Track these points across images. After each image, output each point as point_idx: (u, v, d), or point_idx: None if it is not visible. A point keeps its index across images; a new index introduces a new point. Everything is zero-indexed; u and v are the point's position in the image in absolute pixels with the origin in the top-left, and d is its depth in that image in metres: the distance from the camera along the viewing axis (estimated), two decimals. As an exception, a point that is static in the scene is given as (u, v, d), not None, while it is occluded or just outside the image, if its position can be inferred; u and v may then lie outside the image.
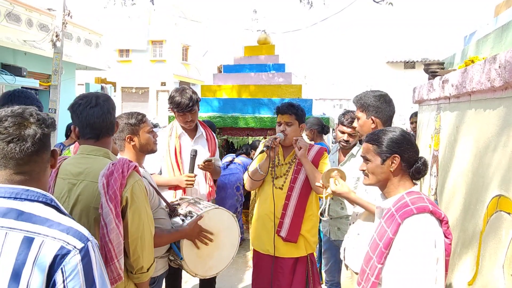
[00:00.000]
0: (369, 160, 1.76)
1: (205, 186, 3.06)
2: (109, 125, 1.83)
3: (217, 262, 2.36)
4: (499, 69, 1.74)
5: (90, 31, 15.11)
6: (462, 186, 2.30)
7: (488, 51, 2.58)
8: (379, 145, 1.72)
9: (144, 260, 1.77)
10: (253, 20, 11.09)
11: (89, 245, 1.11)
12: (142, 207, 1.77)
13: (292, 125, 2.70)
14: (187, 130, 3.02)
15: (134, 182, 1.76)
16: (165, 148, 2.94)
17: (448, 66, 3.61)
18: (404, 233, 1.53)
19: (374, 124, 2.27)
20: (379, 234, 1.64)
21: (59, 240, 1.06)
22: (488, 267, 1.76)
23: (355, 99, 2.41)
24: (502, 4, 3.01)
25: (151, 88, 25.36)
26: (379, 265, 1.59)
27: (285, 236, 2.64)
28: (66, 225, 1.11)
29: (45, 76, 12.15)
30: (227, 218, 2.42)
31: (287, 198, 2.67)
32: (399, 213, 1.57)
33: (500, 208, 1.71)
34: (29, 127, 1.13)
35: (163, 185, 2.88)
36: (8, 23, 10.85)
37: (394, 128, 1.79)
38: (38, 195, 1.14)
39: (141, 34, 24.77)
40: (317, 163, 2.71)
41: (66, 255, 1.05)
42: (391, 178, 1.72)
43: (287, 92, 5.72)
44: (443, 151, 2.79)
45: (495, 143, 1.86)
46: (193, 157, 2.79)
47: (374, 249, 1.64)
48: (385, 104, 2.30)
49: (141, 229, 1.75)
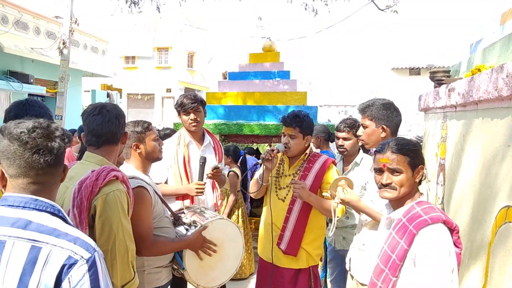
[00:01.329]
0: (399, 172, 1.65)
1: (212, 195, 3.04)
2: (110, 134, 1.82)
3: (220, 274, 2.33)
4: (506, 78, 1.72)
5: (96, 38, 15.26)
6: (470, 195, 2.27)
7: (495, 59, 2.56)
8: (413, 156, 1.66)
9: (114, 275, 1.61)
10: (258, 27, 11.13)
11: (96, 256, 1.11)
12: (115, 219, 1.63)
13: (295, 138, 2.61)
14: (195, 138, 3.02)
15: (111, 191, 1.65)
16: (173, 157, 2.92)
17: (454, 74, 3.59)
18: (420, 244, 1.49)
19: (385, 133, 2.23)
20: (391, 246, 1.59)
21: (66, 250, 1.07)
22: (497, 279, 1.73)
23: (361, 107, 2.35)
24: (508, 12, 3.00)
25: (157, 95, 25.48)
26: (393, 278, 1.54)
27: (284, 249, 2.59)
28: (73, 235, 1.12)
29: (52, 83, 12.26)
30: (231, 229, 2.39)
31: (288, 211, 2.61)
32: (412, 223, 1.52)
33: (509, 220, 1.69)
34: (55, 140, 1.17)
35: (171, 195, 2.86)
36: (16, 31, 10.98)
37: (410, 139, 1.76)
38: (46, 205, 1.16)
39: (147, 41, 24.96)
40: (322, 176, 2.61)
41: (73, 264, 1.06)
42: (415, 190, 1.69)
43: (292, 99, 5.71)
44: (450, 160, 2.76)
45: (503, 153, 1.84)
46: (202, 164, 2.77)
47: (385, 261, 1.60)
48: (394, 112, 2.26)
49: (112, 241, 1.61)
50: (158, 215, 2.14)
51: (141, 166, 2.21)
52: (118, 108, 1.91)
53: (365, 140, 2.33)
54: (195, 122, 2.92)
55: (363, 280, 2.28)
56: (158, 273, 2.15)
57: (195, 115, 2.91)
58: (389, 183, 1.66)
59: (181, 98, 2.93)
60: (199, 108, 2.93)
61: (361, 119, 2.39)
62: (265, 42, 6.91)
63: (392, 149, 1.67)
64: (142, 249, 1.99)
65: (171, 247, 2.12)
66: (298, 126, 2.61)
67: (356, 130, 3.17)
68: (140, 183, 2.05)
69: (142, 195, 2.02)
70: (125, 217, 1.69)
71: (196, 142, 3.02)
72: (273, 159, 2.61)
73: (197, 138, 3.04)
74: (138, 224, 1.97)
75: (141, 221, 1.98)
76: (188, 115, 2.91)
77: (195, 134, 3.01)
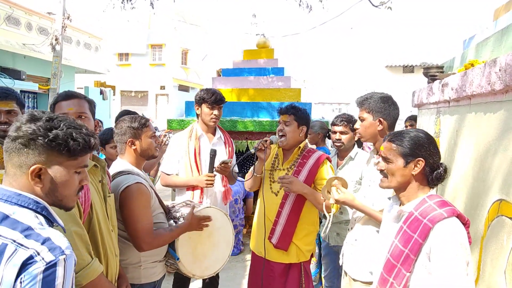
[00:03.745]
0: (389, 161, 1.64)
1: (221, 188, 3.09)
2: None
3: (213, 262, 2.36)
4: (499, 72, 1.73)
5: (89, 34, 15.13)
6: (463, 190, 2.28)
7: (488, 54, 2.57)
8: (403, 146, 1.62)
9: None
10: (252, 24, 11.09)
11: (60, 259, 1.05)
12: None
13: (290, 124, 2.63)
14: (207, 132, 3.11)
15: None
16: (184, 149, 3.01)
17: (448, 70, 3.60)
18: (437, 238, 1.46)
19: (381, 126, 2.20)
20: (403, 240, 1.55)
21: (30, 250, 1.03)
22: (490, 272, 1.74)
23: (359, 99, 2.32)
24: (501, 8, 3.01)
25: (150, 92, 25.34)
26: (407, 273, 1.51)
27: (275, 243, 2.60)
28: (44, 236, 1.07)
29: (44, 79, 12.14)
30: (221, 216, 2.41)
31: (281, 206, 2.61)
32: (427, 217, 1.49)
33: (501, 213, 1.69)
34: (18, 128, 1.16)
35: (182, 186, 2.99)
36: (7, 27, 10.85)
37: (419, 130, 1.70)
38: (29, 202, 1.13)
39: (140, 38, 24.79)
40: (315, 171, 2.61)
41: (30, 264, 1.01)
42: (412, 182, 1.62)
43: (286, 96, 5.71)
44: (443, 155, 2.77)
45: (495, 147, 1.84)
46: (212, 156, 2.85)
47: (397, 256, 1.55)
48: (392, 106, 2.24)
49: None
50: (154, 210, 2.15)
51: (135, 162, 2.19)
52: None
53: (362, 133, 2.29)
54: (216, 118, 3.04)
55: (355, 276, 2.28)
56: (154, 268, 2.17)
57: (218, 111, 3.05)
58: (382, 169, 1.68)
59: (210, 92, 3.01)
60: (222, 106, 3.08)
61: (359, 112, 2.36)
62: (259, 38, 6.90)
63: (389, 138, 1.68)
64: (143, 244, 1.99)
65: (170, 236, 2.13)
66: (292, 114, 2.64)
67: (353, 125, 3.17)
68: (137, 179, 2.04)
69: (141, 191, 2.02)
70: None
71: (207, 136, 3.11)
72: (266, 149, 2.61)
73: (210, 132, 3.13)
74: (138, 221, 1.98)
75: (141, 217, 1.99)
76: (212, 110, 3.01)
77: (208, 128, 3.11)
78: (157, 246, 2.09)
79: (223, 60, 21.06)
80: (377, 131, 2.22)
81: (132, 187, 2.00)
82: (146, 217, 2.02)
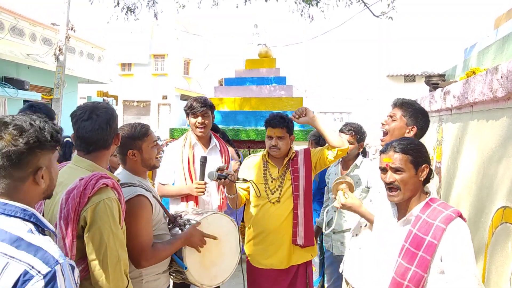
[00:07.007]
0: (402, 171, 1.66)
1: (217, 197, 3.04)
2: (101, 141, 1.73)
3: (221, 270, 2.28)
4: (501, 79, 1.73)
5: (92, 45, 15.27)
6: (466, 198, 2.27)
7: (489, 62, 2.58)
8: (415, 155, 1.66)
9: (105, 285, 1.55)
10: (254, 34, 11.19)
11: (57, 269, 1.04)
12: (106, 228, 1.57)
13: (284, 139, 2.67)
14: (201, 141, 3.05)
15: (100, 200, 1.58)
16: (178, 158, 2.96)
17: (449, 78, 3.61)
18: (452, 238, 1.51)
19: (411, 134, 2.14)
20: (414, 243, 1.58)
21: (23, 264, 1.01)
22: (495, 280, 1.73)
23: (400, 100, 2.25)
24: (502, 17, 3.03)
25: (153, 102, 25.44)
26: (425, 274, 1.54)
27: (302, 243, 2.63)
28: (35, 245, 1.05)
29: (47, 89, 12.23)
30: (227, 223, 2.34)
31: (295, 208, 2.64)
32: (437, 219, 1.54)
33: (506, 220, 1.69)
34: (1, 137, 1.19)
35: (176, 195, 2.92)
36: (12, 37, 10.97)
37: (409, 138, 1.79)
38: (16, 210, 1.11)
39: (143, 48, 24.98)
40: (309, 158, 2.72)
41: (28, 280, 0.99)
42: (420, 187, 1.68)
43: (288, 105, 5.72)
44: (446, 163, 2.77)
45: (499, 154, 1.84)
46: (202, 163, 2.77)
47: (410, 259, 1.57)
48: (428, 123, 2.19)
49: (103, 251, 1.56)
50: (157, 222, 2.07)
51: (137, 172, 2.11)
52: (110, 110, 1.79)
53: (390, 130, 2.20)
54: (202, 125, 2.96)
55: (356, 285, 2.26)
56: (157, 280, 2.08)
57: (203, 118, 2.96)
58: (392, 181, 1.67)
59: (191, 101, 2.99)
60: (208, 113, 2.98)
61: (393, 110, 2.27)
62: (261, 48, 6.93)
63: (395, 149, 1.69)
64: (142, 261, 1.91)
65: (169, 250, 2.04)
66: (285, 127, 2.67)
67: (360, 136, 3.15)
68: (139, 191, 1.95)
69: (142, 205, 1.93)
70: (116, 226, 1.62)
71: (202, 144, 3.05)
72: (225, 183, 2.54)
73: (204, 141, 3.07)
74: (138, 236, 1.89)
75: (141, 232, 1.90)
76: (196, 118, 2.95)
77: (201, 137, 3.05)
78: (156, 262, 2.00)
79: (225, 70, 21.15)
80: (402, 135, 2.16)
81: (133, 200, 1.91)
82: (147, 232, 1.93)
